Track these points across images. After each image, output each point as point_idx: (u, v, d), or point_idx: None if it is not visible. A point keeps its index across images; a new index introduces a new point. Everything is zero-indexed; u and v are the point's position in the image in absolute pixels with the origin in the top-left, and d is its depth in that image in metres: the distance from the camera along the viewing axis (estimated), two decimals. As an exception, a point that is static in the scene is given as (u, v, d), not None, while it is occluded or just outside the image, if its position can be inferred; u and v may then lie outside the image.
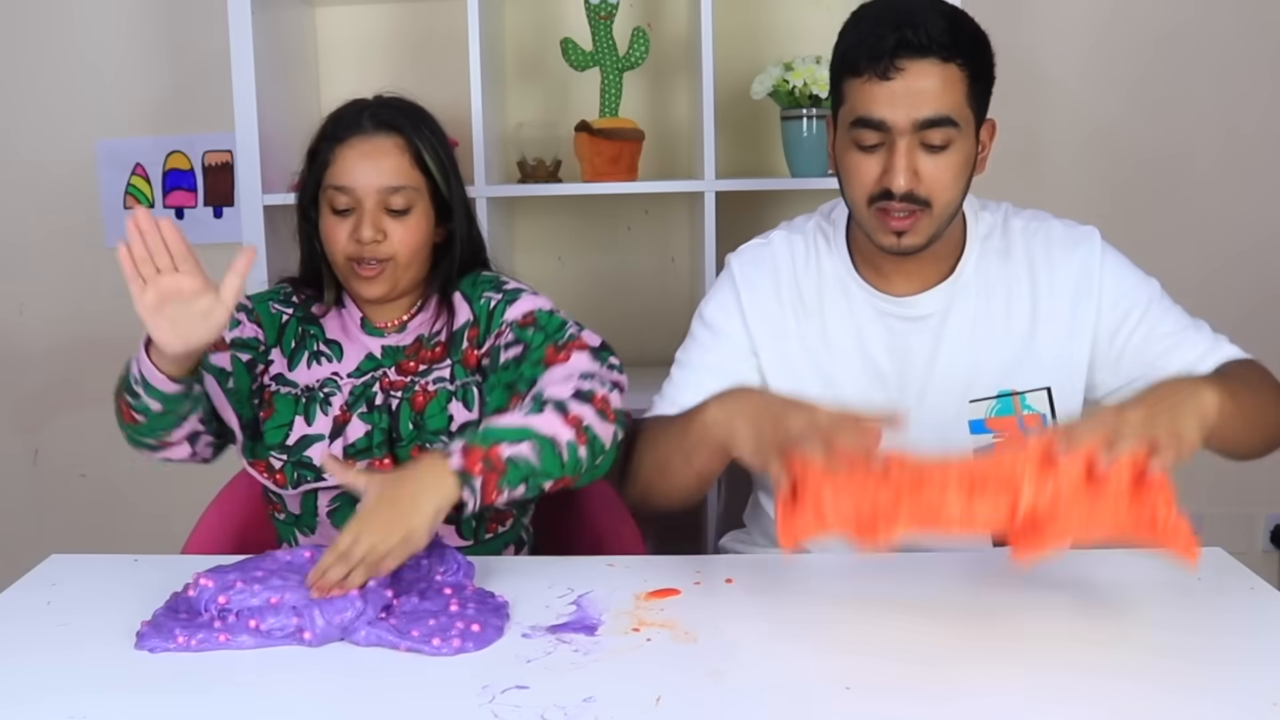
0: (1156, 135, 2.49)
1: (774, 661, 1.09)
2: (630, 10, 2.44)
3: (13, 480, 2.72)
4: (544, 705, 1.00)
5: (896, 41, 1.30)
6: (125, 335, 2.59)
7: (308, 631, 1.13)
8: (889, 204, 1.35)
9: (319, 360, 1.55)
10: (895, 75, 1.31)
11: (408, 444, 1.49)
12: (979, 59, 1.35)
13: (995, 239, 1.48)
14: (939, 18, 1.32)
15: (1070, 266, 1.45)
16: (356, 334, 1.56)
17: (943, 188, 1.35)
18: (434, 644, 1.11)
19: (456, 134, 2.29)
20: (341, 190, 1.47)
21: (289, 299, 1.59)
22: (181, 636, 1.13)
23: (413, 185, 1.49)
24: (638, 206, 2.54)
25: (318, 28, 2.51)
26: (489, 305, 1.53)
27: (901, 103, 1.31)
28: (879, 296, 1.47)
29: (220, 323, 1.29)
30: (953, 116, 1.32)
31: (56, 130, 2.59)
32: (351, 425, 1.50)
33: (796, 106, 2.21)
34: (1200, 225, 2.51)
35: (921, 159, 1.33)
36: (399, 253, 1.48)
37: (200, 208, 2.60)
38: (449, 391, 1.51)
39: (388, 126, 1.50)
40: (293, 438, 1.50)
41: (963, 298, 1.46)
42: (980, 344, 1.45)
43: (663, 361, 1.55)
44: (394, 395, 1.51)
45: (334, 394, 1.52)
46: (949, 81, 1.32)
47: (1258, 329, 2.51)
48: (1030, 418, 1.45)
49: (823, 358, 1.48)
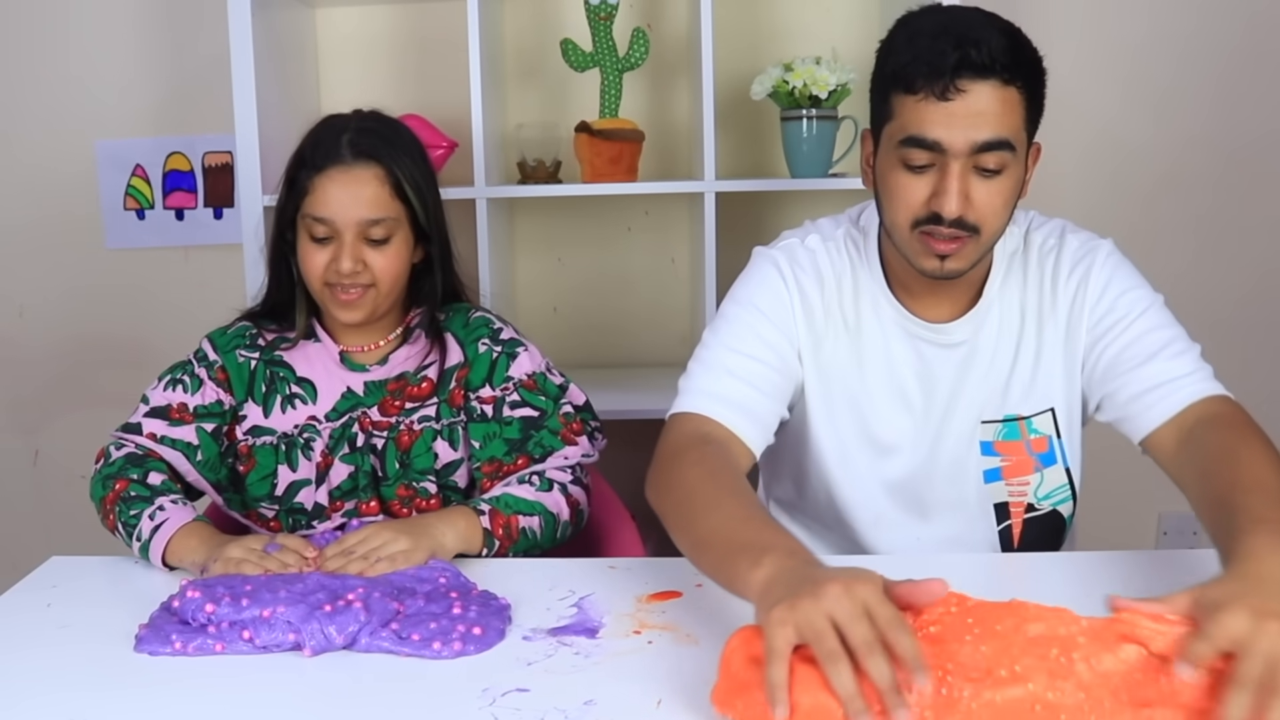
0: (1157, 136, 2.49)
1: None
2: (630, 11, 2.44)
3: (13, 481, 2.72)
4: (545, 708, 1.00)
5: (959, 60, 1.22)
6: (125, 335, 2.63)
7: (305, 648, 1.12)
8: (935, 228, 1.28)
9: (293, 404, 1.53)
10: (955, 95, 1.23)
11: (394, 483, 1.51)
12: (1036, 81, 1.29)
13: (1018, 257, 1.43)
14: (1001, 36, 1.25)
15: (1072, 280, 1.40)
16: (334, 369, 1.54)
17: (993, 214, 1.29)
18: (434, 648, 1.11)
19: (456, 135, 2.30)
20: (320, 221, 1.45)
21: (254, 341, 1.55)
22: (178, 642, 1.13)
23: (392, 216, 1.47)
24: (638, 207, 2.54)
25: (318, 29, 2.51)
26: (490, 356, 1.54)
27: (960, 124, 1.24)
28: (911, 319, 1.41)
29: None
30: (1010, 140, 1.26)
31: (56, 131, 2.59)
32: (334, 469, 1.51)
33: (796, 107, 2.20)
34: (1200, 225, 2.50)
35: (974, 184, 1.27)
36: (380, 280, 1.47)
37: (200, 209, 2.60)
38: (434, 430, 1.52)
39: (367, 156, 1.46)
40: (280, 487, 1.51)
41: (987, 324, 1.41)
42: (997, 368, 1.42)
43: (662, 362, 1.55)
44: (378, 435, 1.52)
45: (314, 439, 1.51)
46: (1009, 104, 1.25)
47: (1258, 329, 2.53)
48: (1038, 441, 1.42)
49: (853, 376, 1.43)
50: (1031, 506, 1.44)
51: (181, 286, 2.61)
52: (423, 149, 1.55)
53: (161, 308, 2.62)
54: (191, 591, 1.18)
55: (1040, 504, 1.44)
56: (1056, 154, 2.48)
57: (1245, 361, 2.53)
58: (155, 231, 2.61)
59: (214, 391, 1.52)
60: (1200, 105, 2.47)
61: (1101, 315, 1.38)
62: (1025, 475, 1.43)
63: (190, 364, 1.54)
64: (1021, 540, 1.45)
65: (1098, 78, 2.47)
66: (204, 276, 2.60)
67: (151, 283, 2.63)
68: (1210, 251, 2.51)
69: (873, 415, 1.43)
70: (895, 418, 1.43)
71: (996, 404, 1.42)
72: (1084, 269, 1.40)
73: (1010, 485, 1.43)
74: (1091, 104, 2.47)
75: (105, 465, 1.48)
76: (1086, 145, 2.48)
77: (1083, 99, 2.47)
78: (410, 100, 2.39)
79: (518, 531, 1.42)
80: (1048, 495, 1.44)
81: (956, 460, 1.42)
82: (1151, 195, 2.49)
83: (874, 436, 1.43)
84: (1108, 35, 2.46)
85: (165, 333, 2.58)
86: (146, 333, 2.61)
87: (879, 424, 1.43)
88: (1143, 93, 2.48)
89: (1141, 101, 2.48)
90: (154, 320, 2.62)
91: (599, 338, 2.58)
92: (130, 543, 1.40)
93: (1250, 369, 2.53)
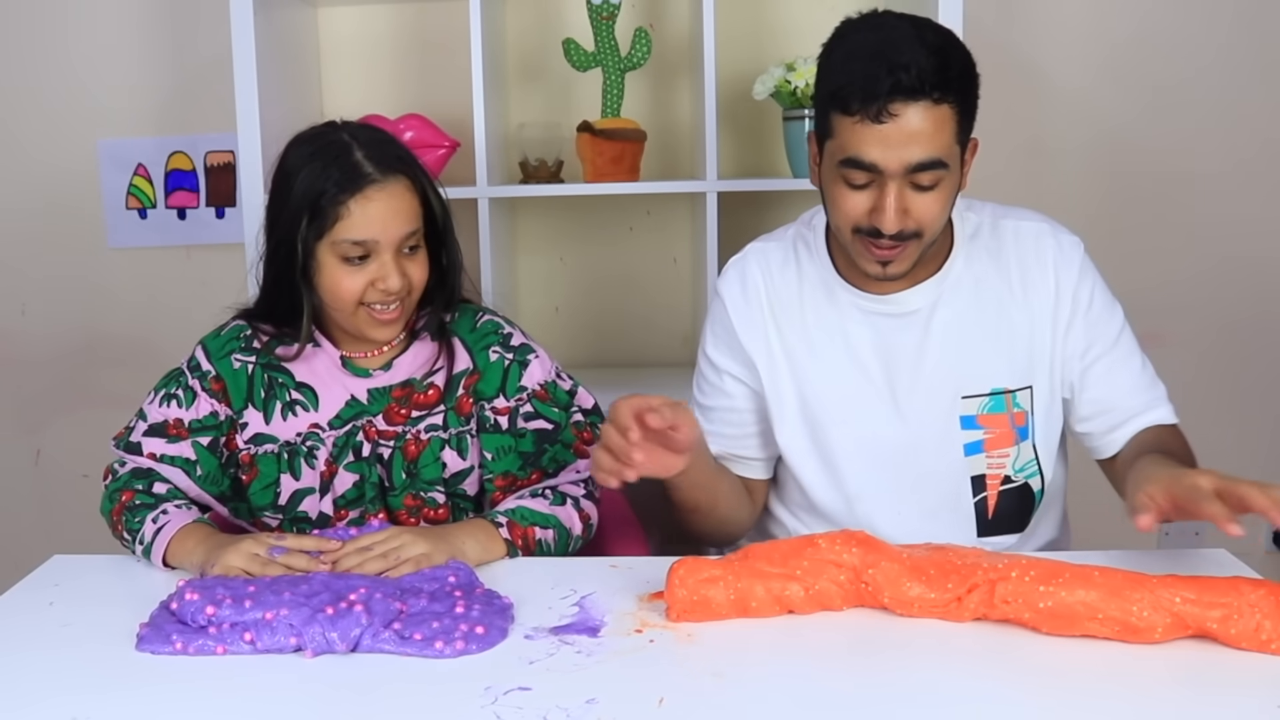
0: (1158, 135, 2.48)
1: (776, 662, 1.09)
2: (632, 11, 2.44)
3: (15, 481, 2.72)
4: (547, 706, 1.00)
5: (891, 86, 1.28)
6: (127, 334, 2.63)
7: (307, 650, 1.12)
8: (877, 239, 1.36)
9: (293, 411, 1.49)
10: (888, 119, 1.29)
11: (401, 493, 1.50)
12: (968, 91, 1.34)
13: (984, 238, 1.49)
14: (931, 56, 1.29)
15: (1054, 272, 1.46)
16: (335, 373, 1.50)
17: (932, 219, 1.36)
18: (436, 647, 1.11)
19: (458, 134, 2.30)
20: (359, 244, 1.40)
21: (249, 344, 1.51)
22: (179, 642, 1.13)
23: (421, 225, 1.45)
24: (640, 207, 2.54)
25: (320, 28, 2.51)
26: (503, 365, 1.52)
27: (894, 146, 1.30)
28: (863, 296, 1.48)
29: None
30: (943, 158, 1.32)
31: (58, 130, 2.59)
32: (339, 478, 1.49)
33: (798, 107, 2.20)
34: (1201, 225, 2.50)
35: (911, 197, 1.34)
36: (415, 290, 1.45)
37: (202, 208, 2.60)
38: (442, 440, 1.50)
39: (393, 170, 1.42)
40: (283, 496, 1.50)
41: (952, 294, 1.47)
42: (972, 340, 1.46)
43: (663, 362, 1.56)
44: (384, 445, 1.50)
45: (317, 447, 1.49)
46: (941, 123, 1.31)
47: (1258, 329, 2.52)
48: (1019, 415, 1.47)
49: (806, 362, 1.50)
50: (1008, 479, 1.49)
51: (183, 286, 2.61)
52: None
53: (163, 307, 2.62)
54: (190, 594, 1.18)
55: (1015, 476, 1.49)
56: (1057, 154, 2.49)
57: (1244, 360, 2.53)
58: (157, 231, 2.61)
59: (208, 404, 1.49)
60: (1202, 105, 2.47)
61: (1088, 323, 1.46)
62: (1006, 448, 1.48)
63: (184, 375, 1.51)
64: (995, 512, 1.50)
65: (1098, 78, 2.47)
66: (206, 276, 2.60)
67: (153, 282, 2.63)
68: (1210, 252, 2.50)
69: (829, 391, 1.49)
70: (856, 389, 1.48)
71: (978, 377, 1.47)
72: (1067, 264, 1.47)
73: (990, 457, 1.48)
74: (1091, 104, 2.47)
75: (112, 481, 1.50)
76: (1086, 145, 2.48)
77: (1083, 99, 2.47)
78: (412, 100, 2.39)
79: (534, 543, 1.41)
80: (1022, 468, 1.50)
81: (934, 433, 1.47)
82: (1152, 196, 2.49)
83: (838, 416, 1.49)
84: (1108, 35, 2.46)
85: (167, 332, 2.58)
86: (148, 332, 2.61)
87: (841, 402, 1.48)
88: (1144, 93, 2.48)
89: (1143, 102, 2.48)
90: (156, 319, 2.62)
91: (601, 337, 2.58)
92: (134, 548, 1.40)
93: (1249, 367, 2.54)
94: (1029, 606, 1.12)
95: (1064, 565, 1.14)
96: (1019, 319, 1.46)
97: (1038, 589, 1.12)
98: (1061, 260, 1.46)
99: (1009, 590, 1.13)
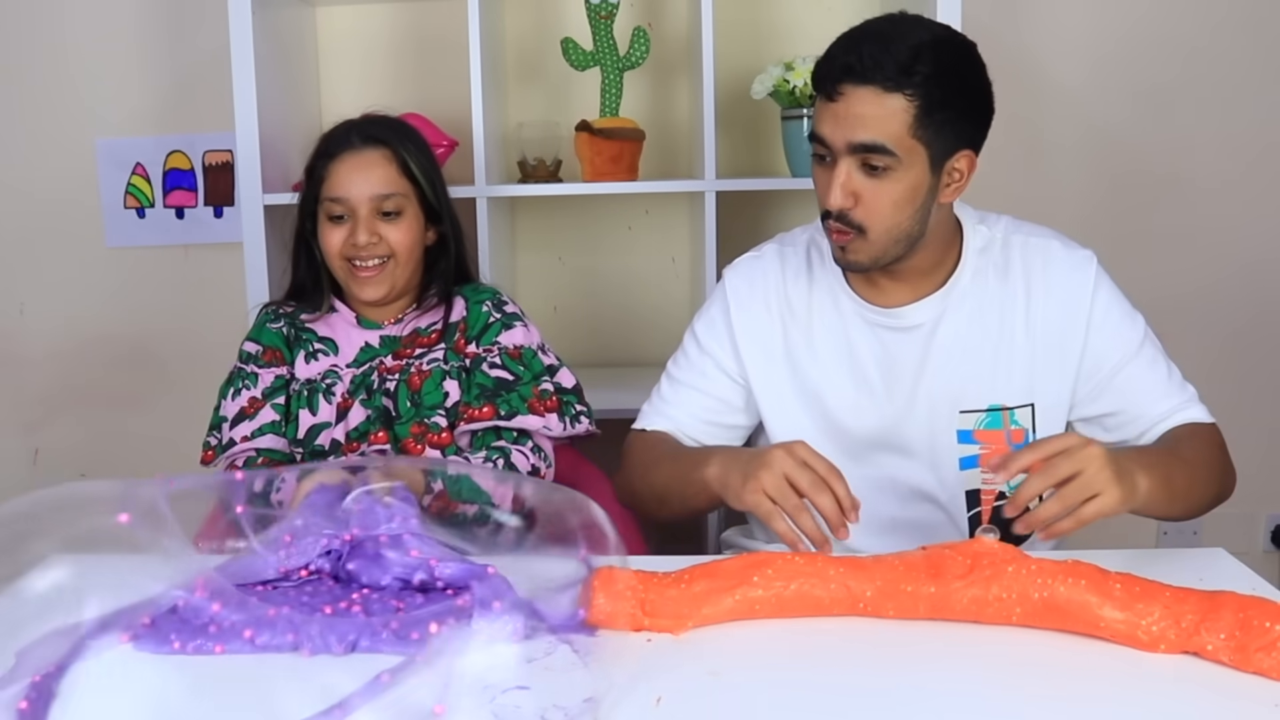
0: (1157, 136, 2.49)
1: (775, 661, 1.09)
2: (631, 10, 2.44)
3: (13, 480, 2.71)
4: (544, 705, 1.00)
5: (842, 67, 1.34)
6: (125, 334, 2.63)
7: (304, 649, 1.12)
8: (830, 221, 1.39)
9: (316, 357, 1.69)
10: (838, 98, 1.34)
11: (406, 421, 1.63)
12: (940, 92, 1.33)
13: (994, 253, 1.49)
14: (904, 49, 1.31)
15: (1064, 289, 1.46)
16: (353, 330, 1.70)
17: (879, 215, 1.36)
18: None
19: (457, 134, 2.30)
20: (336, 201, 1.63)
21: (278, 313, 1.73)
22: (177, 642, 1.13)
23: (401, 192, 1.65)
24: (638, 206, 2.54)
25: (318, 27, 2.51)
26: (487, 318, 1.69)
27: (841, 124, 1.34)
28: (868, 307, 1.48)
29: None
30: (888, 146, 1.33)
31: (57, 130, 2.59)
32: (354, 411, 1.64)
33: (797, 106, 2.21)
34: (1200, 226, 2.50)
35: (861, 181, 1.36)
36: (397, 251, 1.64)
37: (200, 207, 2.61)
38: (443, 370, 1.64)
39: (375, 140, 1.65)
40: (301, 430, 1.65)
41: (956, 310, 1.47)
42: (972, 356, 1.47)
43: (662, 362, 1.56)
44: (390, 379, 1.65)
45: (335, 384, 1.66)
46: (890, 111, 1.32)
47: (1257, 330, 2.53)
48: (1017, 432, 1.47)
49: (808, 366, 1.50)
50: (1003, 495, 1.49)
51: (181, 285, 2.61)
52: (426, 142, 1.70)
53: (162, 306, 2.62)
54: (200, 592, 1.17)
55: (1010, 493, 1.47)
56: (1057, 154, 2.50)
57: (1246, 362, 2.53)
58: (155, 230, 2.61)
59: (269, 374, 1.67)
60: (1201, 106, 2.47)
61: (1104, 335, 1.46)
62: None
63: (240, 369, 1.69)
64: None
65: (1098, 78, 2.47)
66: (204, 275, 2.60)
67: (152, 281, 2.63)
68: (1210, 252, 2.50)
69: (833, 403, 1.49)
70: (856, 400, 1.48)
71: (977, 393, 1.46)
72: (1081, 278, 1.47)
73: (986, 473, 1.48)
74: (1091, 104, 2.48)
75: None
76: (1086, 145, 2.48)
77: (1083, 99, 2.47)
78: (411, 99, 2.39)
79: (451, 515, 1.46)
80: (1015, 484, 1.46)
81: (930, 446, 1.47)
82: (1152, 196, 2.50)
83: (836, 423, 1.49)
84: (1106, 35, 2.47)
85: (165, 331, 2.58)
86: (146, 331, 2.61)
87: (840, 410, 1.49)
88: (1144, 93, 2.48)
89: (1143, 102, 2.48)
90: (154, 319, 2.62)
91: (599, 336, 2.59)
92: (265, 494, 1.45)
93: (1251, 370, 2.54)
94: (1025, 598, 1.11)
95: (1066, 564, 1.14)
96: (1023, 337, 1.46)
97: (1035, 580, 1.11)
98: (1074, 277, 1.46)
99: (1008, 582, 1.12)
